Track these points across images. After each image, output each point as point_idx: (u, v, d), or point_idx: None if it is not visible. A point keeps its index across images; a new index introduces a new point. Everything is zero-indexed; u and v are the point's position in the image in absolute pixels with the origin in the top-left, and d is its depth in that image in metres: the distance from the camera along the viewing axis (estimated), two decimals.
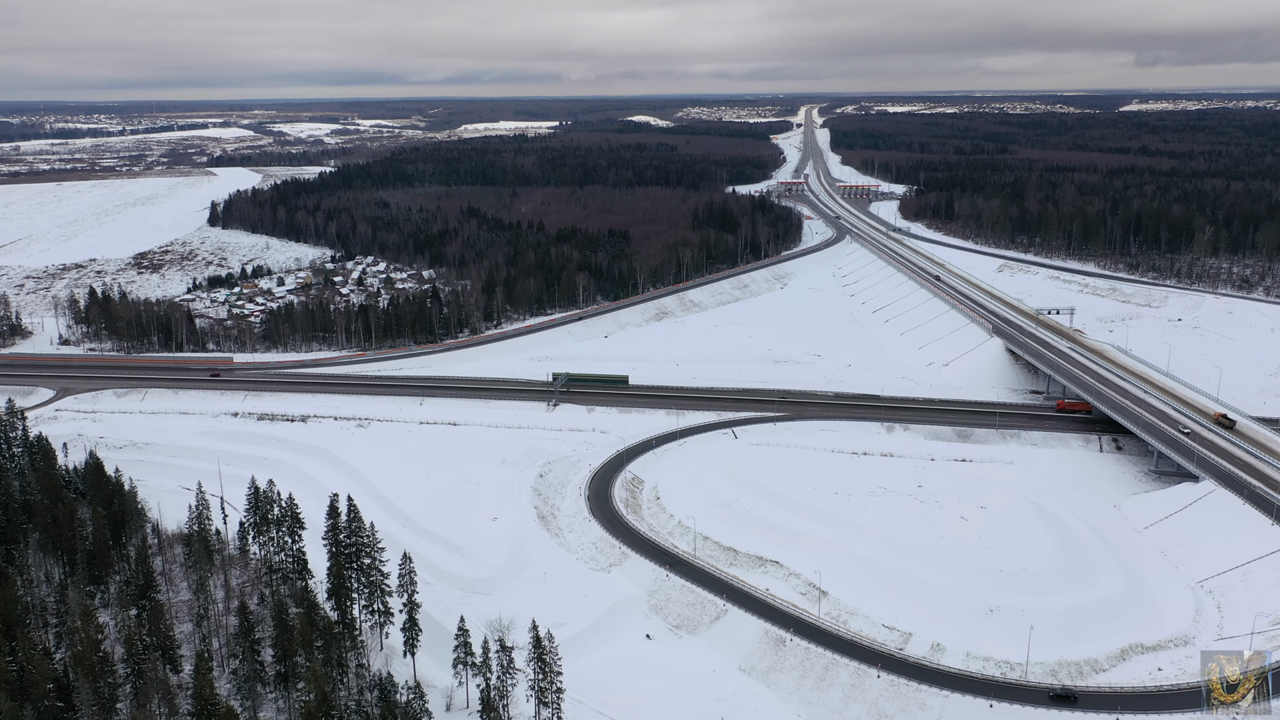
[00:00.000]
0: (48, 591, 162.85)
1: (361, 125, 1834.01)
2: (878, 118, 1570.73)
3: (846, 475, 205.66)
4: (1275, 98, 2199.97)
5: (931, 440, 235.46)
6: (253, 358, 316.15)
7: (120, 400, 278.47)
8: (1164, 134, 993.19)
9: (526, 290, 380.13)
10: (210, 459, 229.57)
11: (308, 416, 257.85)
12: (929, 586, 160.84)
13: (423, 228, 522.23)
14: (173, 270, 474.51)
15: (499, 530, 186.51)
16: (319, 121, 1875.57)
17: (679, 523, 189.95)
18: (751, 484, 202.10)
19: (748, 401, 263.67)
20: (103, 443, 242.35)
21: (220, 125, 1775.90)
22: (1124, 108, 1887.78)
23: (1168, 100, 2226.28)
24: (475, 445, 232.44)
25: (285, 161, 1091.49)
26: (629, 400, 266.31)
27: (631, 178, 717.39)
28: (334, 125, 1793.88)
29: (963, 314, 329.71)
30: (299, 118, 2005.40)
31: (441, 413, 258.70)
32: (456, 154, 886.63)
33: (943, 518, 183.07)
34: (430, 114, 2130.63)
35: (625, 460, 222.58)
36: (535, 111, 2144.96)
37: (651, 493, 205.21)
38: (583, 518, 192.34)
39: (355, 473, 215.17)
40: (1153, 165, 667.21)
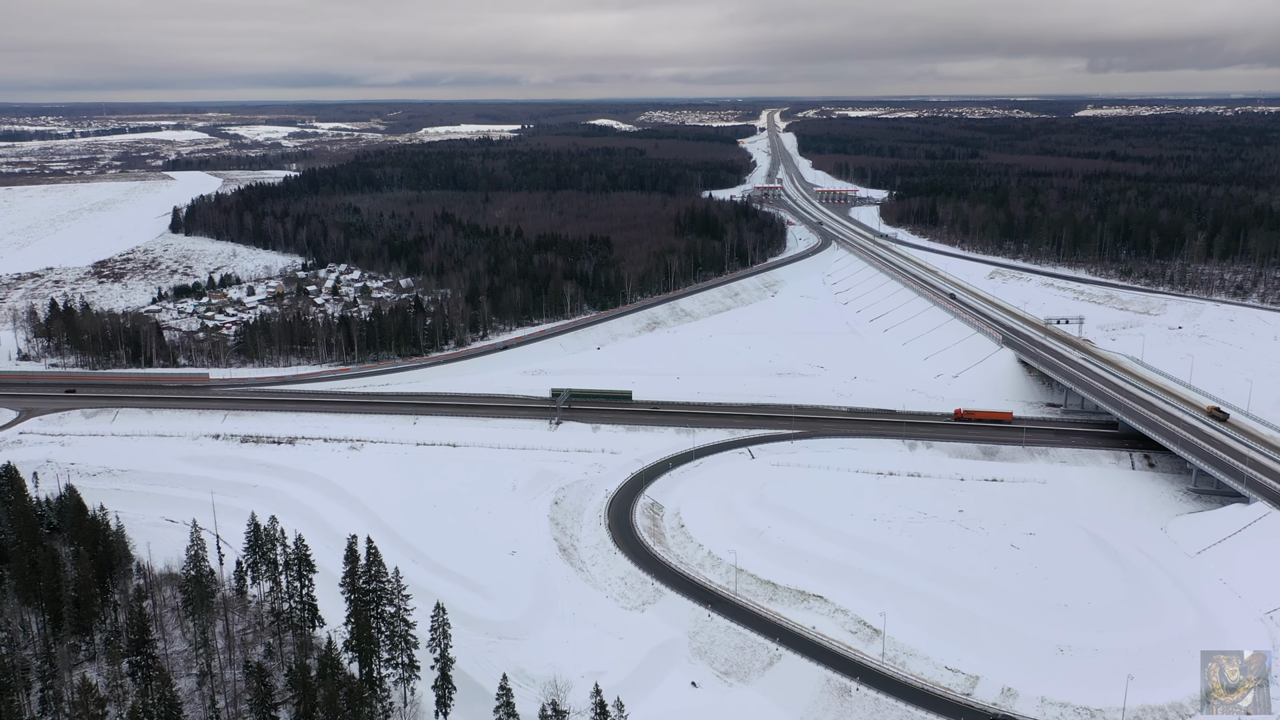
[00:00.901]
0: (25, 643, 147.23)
1: (320, 128, 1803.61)
2: (841, 122, 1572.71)
3: (880, 499, 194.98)
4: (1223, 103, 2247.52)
5: (956, 459, 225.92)
6: (230, 373, 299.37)
7: (90, 421, 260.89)
8: (1128, 139, 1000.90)
9: (512, 300, 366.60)
10: (194, 487, 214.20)
11: (295, 438, 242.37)
12: (988, 623, 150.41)
13: (396, 234, 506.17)
14: (135, 279, 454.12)
15: (519, 566, 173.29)
16: (276, 124, 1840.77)
17: (709, 553, 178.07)
18: (782, 510, 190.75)
19: (760, 418, 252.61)
20: (74, 470, 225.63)
21: (173, 128, 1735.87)
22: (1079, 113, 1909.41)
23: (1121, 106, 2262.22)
24: (479, 469, 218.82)
25: (244, 165, 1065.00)
26: (635, 417, 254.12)
27: (605, 182, 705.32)
28: (291, 128, 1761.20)
29: (967, 323, 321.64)
30: (255, 120, 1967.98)
31: (438, 433, 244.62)
32: (424, 158, 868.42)
33: (992, 546, 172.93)
34: (389, 117, 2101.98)
35: (641, 484, 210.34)
36: (496, 115, 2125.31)
37: (674, 520, 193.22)
38: (606, 549, 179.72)
39: (355, 502, 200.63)
40: (1127, 170, 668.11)
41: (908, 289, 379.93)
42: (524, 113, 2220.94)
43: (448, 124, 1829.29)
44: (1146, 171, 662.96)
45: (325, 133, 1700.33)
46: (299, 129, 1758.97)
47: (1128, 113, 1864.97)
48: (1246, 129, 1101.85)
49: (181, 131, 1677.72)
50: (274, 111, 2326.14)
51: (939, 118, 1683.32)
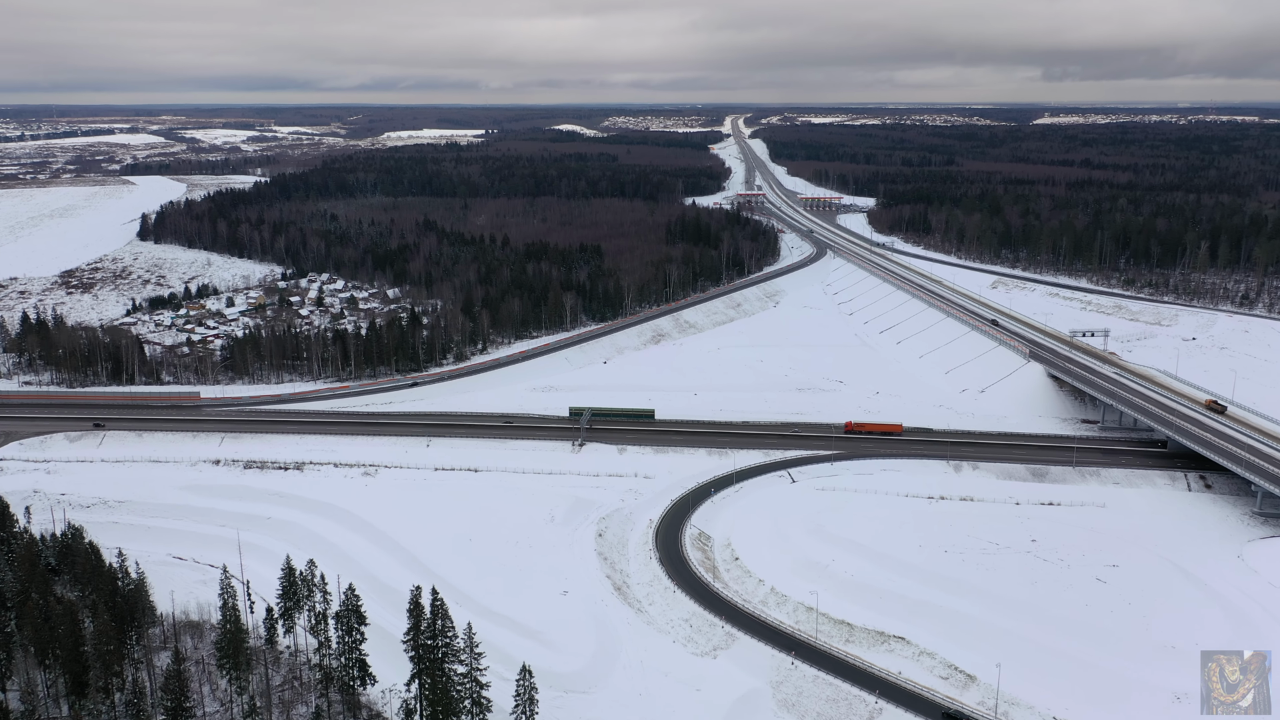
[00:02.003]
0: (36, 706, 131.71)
1: (279, 132, 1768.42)
2: (808, 129, 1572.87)
3: (945, 528, 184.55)
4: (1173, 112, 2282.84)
5: (1005, 480, 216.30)
6: (222, 392, 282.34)
7: (75, 446, 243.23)
8: (1098, 147, 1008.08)
9: (511, 312, 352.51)
10: (200, 519, 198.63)
11: (303, 464, 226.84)
12: (1094, 668, 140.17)
13: (378, 242, 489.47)
14: (106, 290, 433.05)
15: (573, 607, 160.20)
16: (234, 128, 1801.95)
17: (771, 589, 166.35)
18: (843, 540, 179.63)
19: (792, 438, 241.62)
20: (66, 501, 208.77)
21: (128, 131, 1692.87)
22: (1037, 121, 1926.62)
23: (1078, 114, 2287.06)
24: (508, 497, 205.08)
25: (206, 170, 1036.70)
26: (661, 438, 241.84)
27: (586, 189, 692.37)
28: (250, 132, 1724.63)
29: (987, 336, 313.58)
30: (211, 124, 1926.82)
31: (455, 456, 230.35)
32: (395, 163, 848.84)
33: (1076, 580, 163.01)
34: (349, 121, 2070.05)
35: (683, 512, 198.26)
36: (458, 119, 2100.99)
37: (727, 552, 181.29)
38: (662, 587, 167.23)
39: (381, 535, 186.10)
40: (1109, 179, 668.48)
41: (916, 300, 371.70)
42: (486, 117, 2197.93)
43: (410, 129, 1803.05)
44: (1129, 180, 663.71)
45: (285, 137, 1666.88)
46: (258, 133, 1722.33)
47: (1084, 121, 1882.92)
48: (1211, 137, 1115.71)
49: (136, 135, 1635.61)
50: (230, 115, 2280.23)
51: (902, 125, 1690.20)
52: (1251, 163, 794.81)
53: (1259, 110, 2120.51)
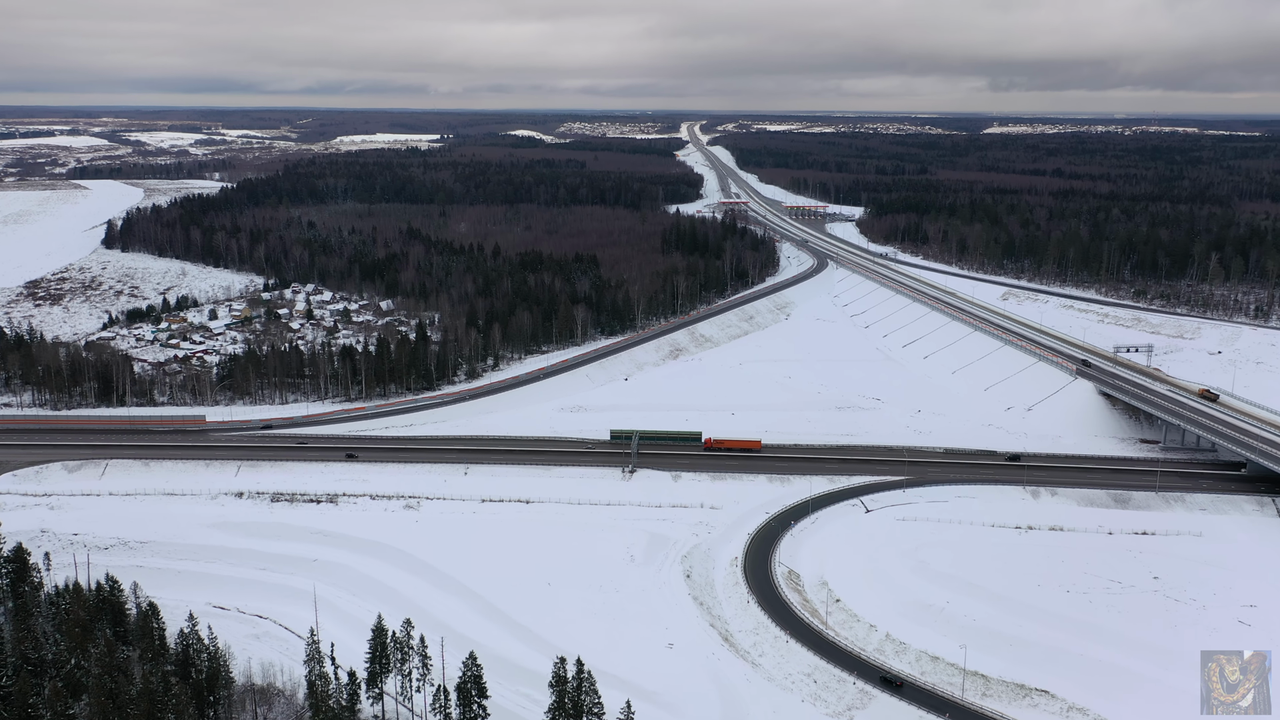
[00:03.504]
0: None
1: (228, 135, 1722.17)
2: (769, 136, 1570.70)
3: (1053, 562, 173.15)
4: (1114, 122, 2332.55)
5: (1087, 507, 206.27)
6: (229, 414, 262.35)
7: (75, 477, 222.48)
8: (1063, 156, 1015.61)
9: (521, 326, 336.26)
10: (237, 561, 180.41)
11: (335, 496, 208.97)
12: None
13: (363, 251, 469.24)
14: (77, 301, 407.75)
15: (682, 661, 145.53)
16: (180, 130, 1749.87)
17: (886, 636, 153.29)
18: (947, 577, 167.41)
19: (852, 462, 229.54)
20: (79, 542, 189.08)
21: (69, 133, 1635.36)
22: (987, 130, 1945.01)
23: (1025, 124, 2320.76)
24: (574, 534, 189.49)
25: (159, 174, 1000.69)
26: (712, 462, 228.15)
27: (565, 196, 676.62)
28: (197, 135, 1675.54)
29: (1022, 351, 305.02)
30: (156, 126, 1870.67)
31: (498, 485, 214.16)
32: (364, 168, 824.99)
33: (1219, 623, 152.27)
34: (300, 125, 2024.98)
35: (764, 547, 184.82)
36: (411, 124, 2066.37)
37: (823, 592, 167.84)
38: (771, 636, 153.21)
39: (449, 580, 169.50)
40: (1091, 189, 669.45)
41: (937, 312, 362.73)
42: (439, 122, 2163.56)
43: (362, 133, 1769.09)
44: (1110, 190, 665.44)
45: (234, 140, 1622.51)
46: (205, 136, 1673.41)
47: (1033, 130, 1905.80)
48: (1170, 148, 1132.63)
49: (78, 137, 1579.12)
50: (174, 117, 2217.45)
51: (859, 133, 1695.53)
52: (1219, 173, 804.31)
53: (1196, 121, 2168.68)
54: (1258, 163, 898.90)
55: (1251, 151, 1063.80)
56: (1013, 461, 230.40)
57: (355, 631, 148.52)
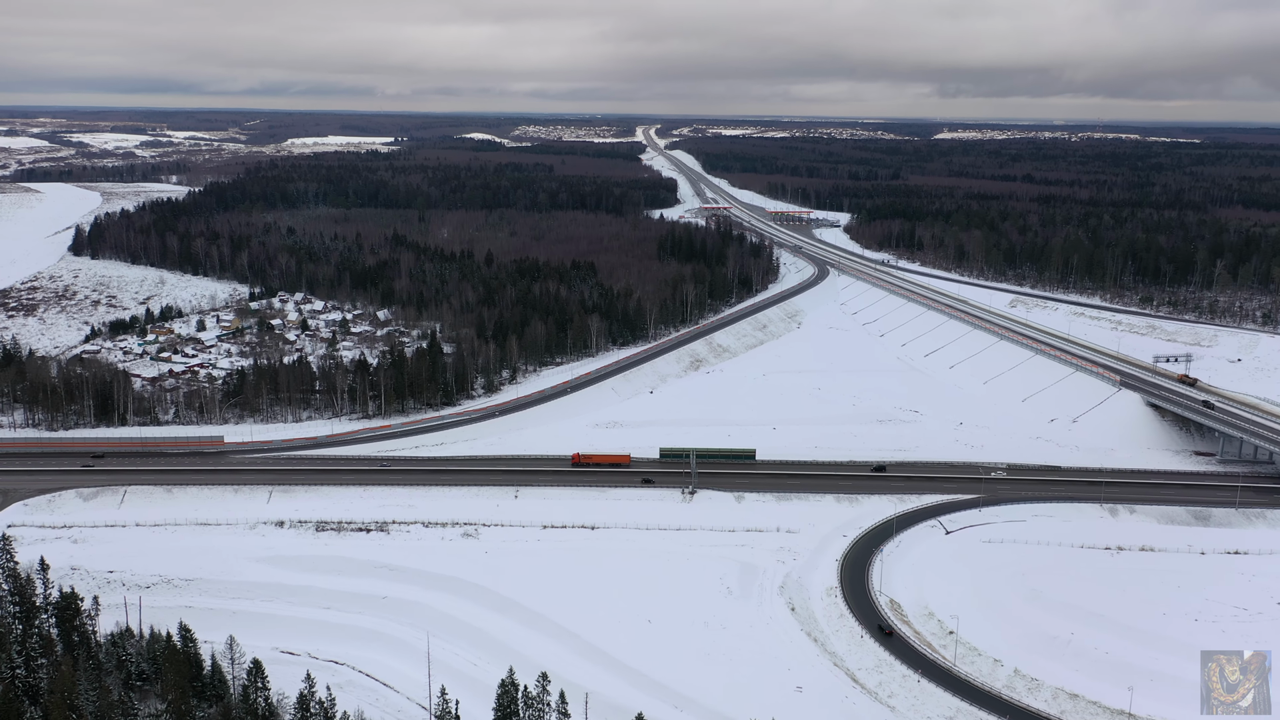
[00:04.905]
0: None
1: (174, 137, 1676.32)
2: (729, 140, 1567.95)
3: (1167, 588, 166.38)
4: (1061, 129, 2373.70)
5: (1168, 524, 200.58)
6: (250, 434, 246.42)
7: (91, 506, 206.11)
8: (1028, 162, 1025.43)
9: (536, 337, 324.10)
10: (298, 600, 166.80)
11: (385, 524, 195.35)
12: None
13: (350, 258, 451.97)
14: (52, 312, 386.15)
15: (817, 706, 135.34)
16: (124, 132, 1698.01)
17: (1015, 671, 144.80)
18: (1065, 606, 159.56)
19: (918, 479, 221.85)
20: (116, 580, 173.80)
21: (6, 134, 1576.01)
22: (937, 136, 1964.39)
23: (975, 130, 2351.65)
24: (652, 563, 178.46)
25: (109, 176, 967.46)
26: (771, 482, 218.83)
27: (545, 201, 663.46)
28: (143, 136, 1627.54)
29: (1057, 361, 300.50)
30: (98, 127, 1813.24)
31: (555, 510, 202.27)
32: (329, 172, 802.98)
33: None
34: (248, 126, 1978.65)
35: (855, 573, 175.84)
36: (362, 126, 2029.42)
37: (932, 623, 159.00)
38: (898, 674, 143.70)
39: (539, 618, 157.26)
40: (1071, 194, 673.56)
41: (954, 320, 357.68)
42: (391, 124, 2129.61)
43: (314, 135, 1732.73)
44: (1090, 195, 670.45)
45: (181, 142, 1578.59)
46: (151, 137, 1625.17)
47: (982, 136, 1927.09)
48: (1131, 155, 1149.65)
49: (16, 138, 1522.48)
50: (116, 118, 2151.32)
51: (814, 138, 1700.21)
52: (1184, 179, 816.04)
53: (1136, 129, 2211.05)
54: (1220, 169, 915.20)
55: (1205, 158, 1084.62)
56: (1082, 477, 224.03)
57: (453, 679, 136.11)
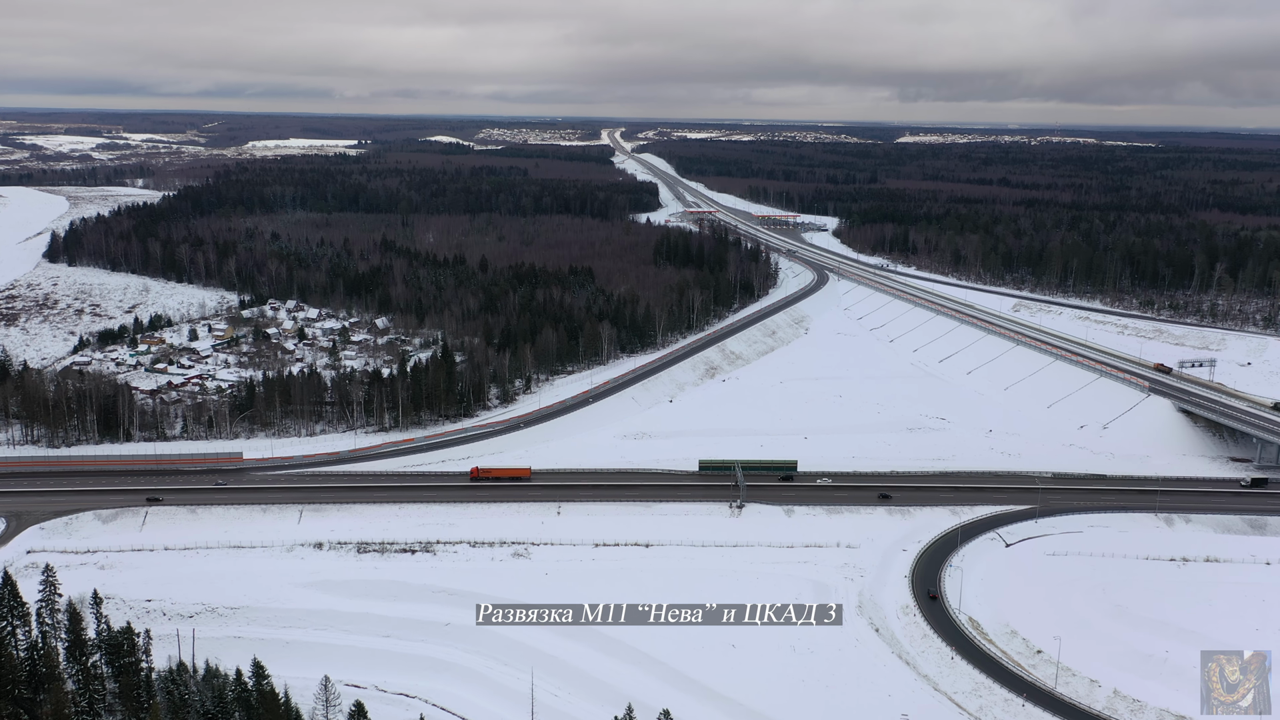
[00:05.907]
0: None
1: (131, 139, 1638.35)
2: (697, 144, 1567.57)
3: (1252, 601, 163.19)
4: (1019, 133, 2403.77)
5: (1225, 534, 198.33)
6: (270, 449, 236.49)
7: (112, 529, 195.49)
8: (1000, 166, 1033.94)
9: (548, 346, 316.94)
10: (353, 628, 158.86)
11: (430, 544, 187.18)
12: None
13: (340, 265, 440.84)
14: (35, 322, 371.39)
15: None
16: (79, 134, 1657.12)
17: (1114, 692, 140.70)
18: (1159, 624, 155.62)
19: (965, 489, 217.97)
20: (157, 610, 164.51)
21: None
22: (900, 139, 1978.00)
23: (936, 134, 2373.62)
24: (718, 582, 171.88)
25: (71, 180, 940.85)
26: (819, 494, 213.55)
27: (530, 205, 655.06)
28: (99, 139, 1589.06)
29: (1079, 367, 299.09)
30: (50, 129, 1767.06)
31: (603, 527, 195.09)
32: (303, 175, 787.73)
33: None
34: (207, 129, 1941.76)
35: (924, 589, 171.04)
36: (323, 129, 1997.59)
37: (1015, 642, 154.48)
38: (1000, 698, 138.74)
39: (619, 645, 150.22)
40: (1053, 198, 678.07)
41: (967, 326, 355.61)
42: (352, 127, 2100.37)
43: (274, 138, 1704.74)
44: (1072, 199, 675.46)
45: (139, 145, 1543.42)
46: (107, 140, 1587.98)
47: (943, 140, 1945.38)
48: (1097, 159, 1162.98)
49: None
50: (68, 120, 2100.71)
51: (781, 141, 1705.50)
52: (1157, 183, 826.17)
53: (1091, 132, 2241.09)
54: (1188, 173, 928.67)
55: (1170, 162, 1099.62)
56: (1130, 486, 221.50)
57: (535, 712, 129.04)
